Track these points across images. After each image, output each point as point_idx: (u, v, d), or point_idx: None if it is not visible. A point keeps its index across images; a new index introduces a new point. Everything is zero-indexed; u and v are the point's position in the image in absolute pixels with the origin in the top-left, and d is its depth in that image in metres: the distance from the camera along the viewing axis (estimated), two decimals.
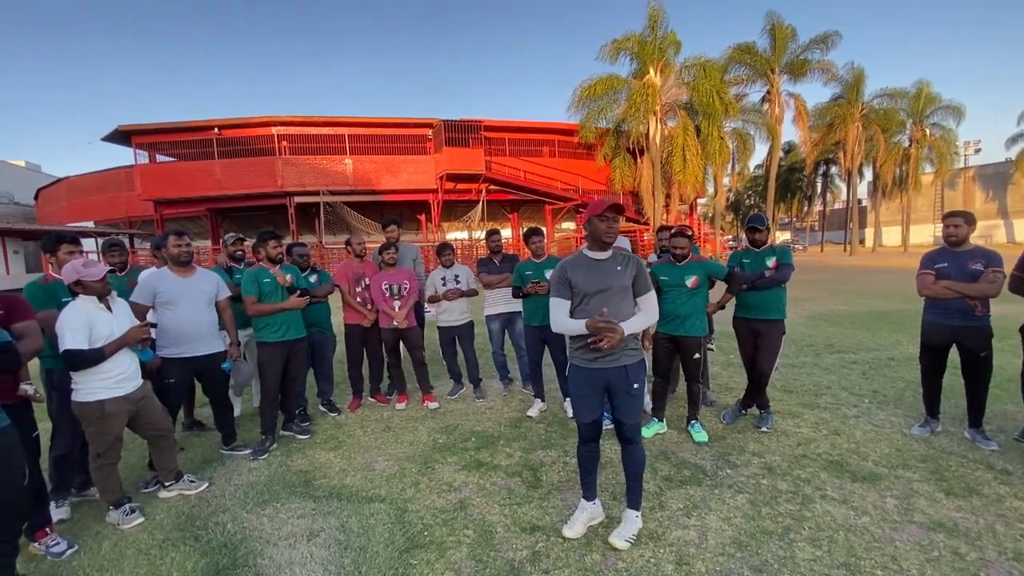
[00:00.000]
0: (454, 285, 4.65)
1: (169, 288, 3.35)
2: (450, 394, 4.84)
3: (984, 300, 3.16)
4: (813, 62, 26.00)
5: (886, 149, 31.64)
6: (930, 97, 31.49)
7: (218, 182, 20.73)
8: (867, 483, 2.86)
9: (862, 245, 37.74)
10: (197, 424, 4.21)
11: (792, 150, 41.94)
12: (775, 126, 26.50)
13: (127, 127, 20.60)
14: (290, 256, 4.40)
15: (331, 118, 21.69)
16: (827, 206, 47.34)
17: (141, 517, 2.77)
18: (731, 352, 5.98)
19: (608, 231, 2.33)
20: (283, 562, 2.35)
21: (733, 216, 56.94)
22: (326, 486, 3.12)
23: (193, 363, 3.43)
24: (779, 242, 50.46)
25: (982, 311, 3.18)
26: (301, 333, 3.91)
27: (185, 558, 2.42)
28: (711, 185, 28.13)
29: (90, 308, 2.61)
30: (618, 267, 2.38)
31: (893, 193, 35.26)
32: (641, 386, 2.41)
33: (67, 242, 2.92)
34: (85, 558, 2.46)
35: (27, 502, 2.21)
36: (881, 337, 6.79)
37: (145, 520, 2.78)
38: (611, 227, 2.33)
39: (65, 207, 25.68)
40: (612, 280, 2.35)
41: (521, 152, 23.69)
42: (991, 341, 3.25)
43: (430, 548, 2.42)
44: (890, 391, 4.49)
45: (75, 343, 2.50)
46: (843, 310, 9.31)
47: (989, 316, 3.22)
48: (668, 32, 21.16)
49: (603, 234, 2.34)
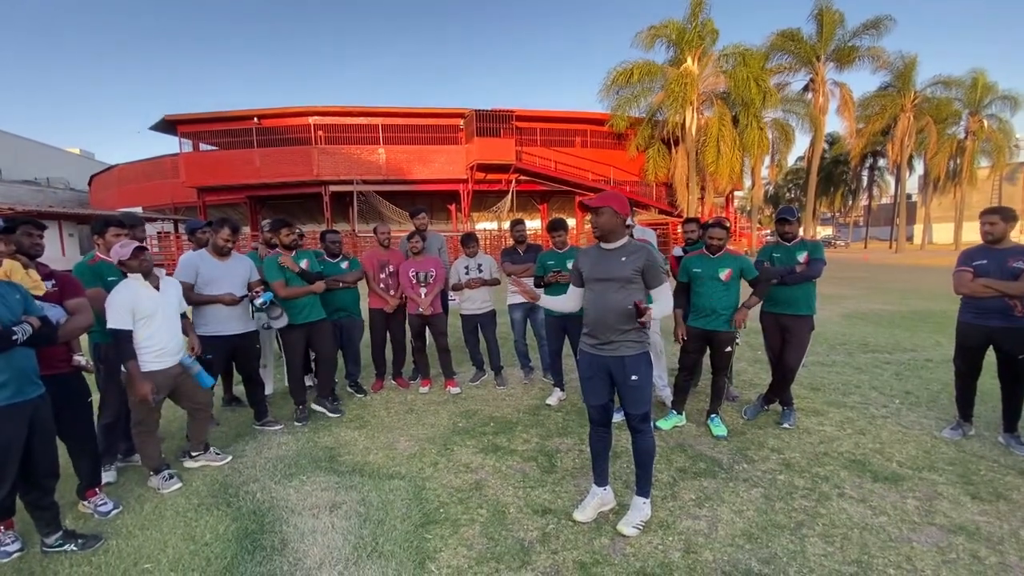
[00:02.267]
0: (477, 274, 4.73)
1: (210, 270, 3.57)
2: (472, 380, 4.94)
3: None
4: (862, 49, 24.82)
5: (938, 141, 29.93)
6: (987, 86, 29.57)
7: (257, 170, 21.45)
8: (889, 483, 2.80)
9: (910, 242, 36.05)
10: (235, 400, 4.44)
11: (836, 142, 40.15)
12: (818, 116, 25.49)
13: (173, 117, 21.53)
14: (323, 243, 4.57)
15: (365, 108, 22.09)
16: (873, 200, 45.23)
17: (179, 483, 2.98)
18: (757, 348, 5.87)
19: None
20: (306, 530, 2.49)
21: (772, 210, 55.17)
22: (350, 462, 3.27)
23: (230, 341, 3.64)
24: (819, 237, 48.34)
25: (1022, 311, 3.03)
26: (321, 315, 4.08)
27: (218, 522, 2.59)
28: (748, 178, 27.28)
29: (135, 287, 2.81)
30: (623, 258, 2.41)
31: (946, 187, 33.40)
32: (642, 378, 2.41)
33: (114, 225, 3.11)
34: (128, 518, 2.67)
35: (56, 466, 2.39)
36: (920, 338, 6.52)
37: (183, 486, 2.98)
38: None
39: (116, 193, 27.05)
40: (614, 271, 2.40)
41: (552, 142, 23.58)
42: None
43: (445, 524, 2.52)
44: (923, 393, 4.34)
45: (116, 323, 2.72)
46: (882, 309, 8.97)
47: None
48: (707, 19, 20.56)
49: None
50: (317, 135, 21.96)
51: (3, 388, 2.07)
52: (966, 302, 3.31)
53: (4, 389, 2.08)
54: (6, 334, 2.03)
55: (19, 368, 2.14)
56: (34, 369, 2.24)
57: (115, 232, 3.08)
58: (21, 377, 2.15)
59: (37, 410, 2.23)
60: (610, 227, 2.42)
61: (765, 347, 3.90)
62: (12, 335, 2.04)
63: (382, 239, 4.71)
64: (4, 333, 2.02)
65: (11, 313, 2.12)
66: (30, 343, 2.14)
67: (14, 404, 2.11)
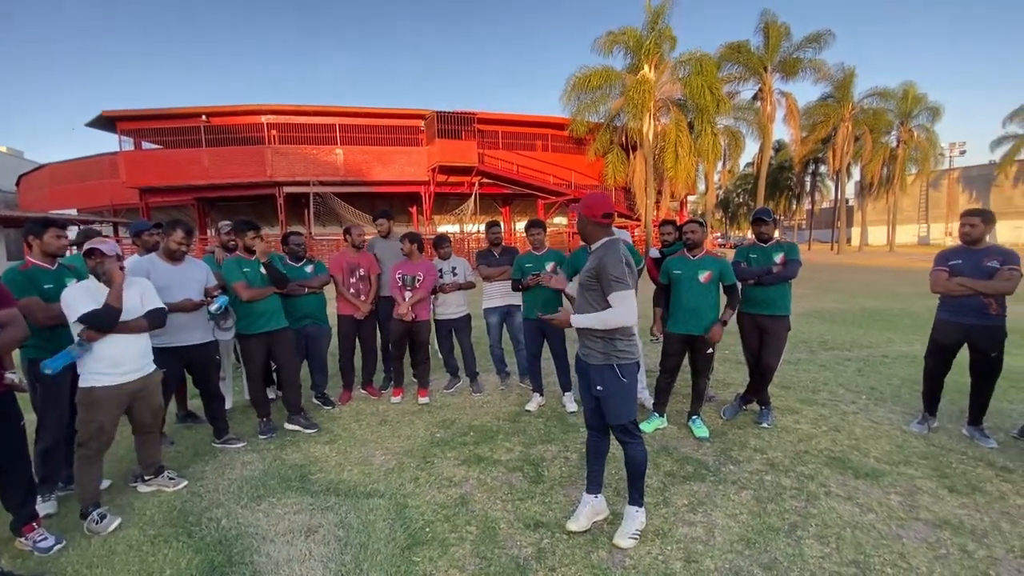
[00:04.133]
0: (451, 278, 4.58)
1: (161, 276, 3.23)
2: (446, 388, 4.77)
3: (999, 298, 3.13)
4: (805, 61, 26.12)
5: (873, 149, 31.98)
6: (916, 98, 31.89)
7: (206, 171, 20.34)
8: (870, 480, 2.86)
9: (849, 244, 38.19)
10: (191, 416, 4.09)
11: (782, 148, 42.27)
12: (767, 124, 26.64)
13: (112, 112, 20.11)
14: (286, 245, 4.30)
15: (322, 107, 21.38)
16: (815, 205, 47.82)
17: (117, 519, 2.62)
18: (726, 348, 5.99)
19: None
20: (281, 559, 2.28)
21: (722, 213, 57.36)
22: (323, 480, 3.05)
23: (184, 353, 3.34)
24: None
25: (997, 309, 3.14)
26: (283, 323, 3.81)
27: (178, 555, 2.33)
28: (702, 182, 28.22)
29: (92, 287, 2.56)
30: (592, 258, 2.36)
31: (879, 193, 35.70)
32: (607, 390, 2.32)
33: (56, 227, 2.82)
34: (74, 554, 2.36)
35: None
36: (873, 335, 6.85)
37: (133, 515, 2.68)
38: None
39: (47, 194, 25.05)
40: (583, 269, 2.40)
41: (514, 145, 23.58)
42: (1004, 341, 3.21)
43: (433, 545, 2.36)
44: (887, 388, 4.51)
45: (85, 308, 2.47)
46: (834, 307, 9.39)
47: (1005, 316, 3.19)
48: (665, 27, 21.09)
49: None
50: (271, 134, 21.06)
51: None
52: (944, 301, 3.42)
53: None
54: None
55: None
56: None
57: (56, 234, 2.78)
58: None
59: None
60: (583, 231, 2.43)
61: (743, 348, 3.93)
62: None
63: (356, 240, 4.47)
64: None
65: None
66: None
67: None
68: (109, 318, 2.52)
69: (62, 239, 2.82)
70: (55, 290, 2.72)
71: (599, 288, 2.27)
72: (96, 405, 2.57)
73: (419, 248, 4.45)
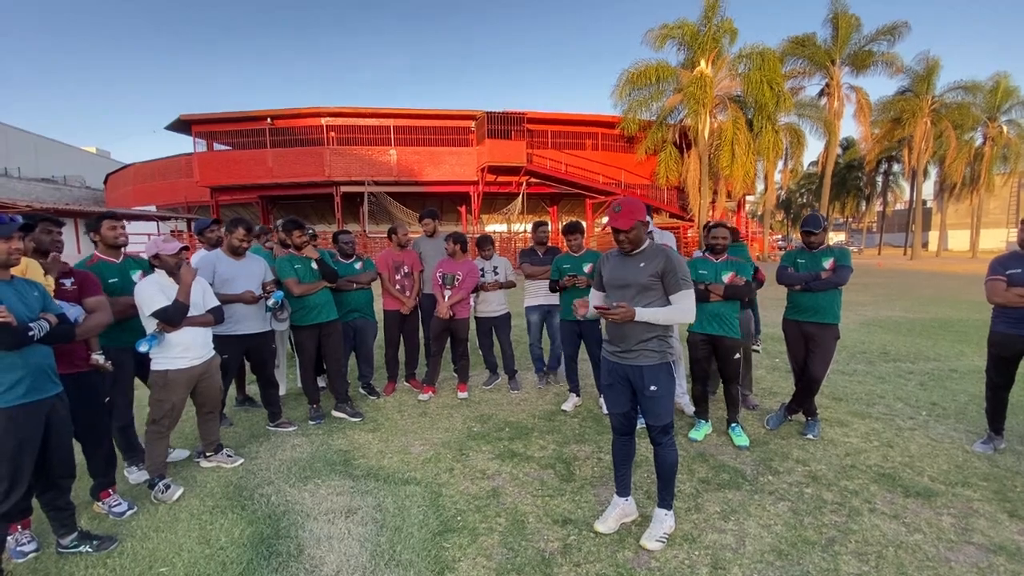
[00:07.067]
0: (492, 277, 4.68)
1: (226, 269, 3.55)
2: (485, 384, 4.88)
3: None
4: (878, 54, 24.50)
5: (956, 147, 29.45)
6: (1008, 91, 29.05)
7: (269, 170, 21.58)
8: (922, 499, 2.70)
9: (925, 249, 35.48)
10: (248, 400, 4.42)
11: (850, 147, 39.71)
12: (833, 121, 25.20)
13: (188, 116, 21.73)
14: (336, 243, 4.54)
15: (377, 109, 22.16)
16: (887, 206, 44.64)
17: (180, 489, 2.87)
18: (775, 355, 5.78)
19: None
20: (322, 536, 2.44)
21: (783, 215, 54.65)
22: (364, 466, 3.22)
23: (245, 340, 3.62)
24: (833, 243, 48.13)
25: None
26: (333, 315, 4.04)
27: (233, 525, 2.55)
28: (761, 182, 27.01)
29: (161, 280, 2.82)
30: (641, 264, 2.35)
31: (963, 194, 32.87)
32: (661, 389, 2.33)
33: (108, 218, 3.05)
34: (143, 519, 2.64)
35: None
36: (942, 347, 6.37)
37: (195, 487, 2.95)
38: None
39: (131, 191, 27.32)
40: (630, 276, 2.35)
41: (563, 145, 23.49)
42: None
43: (463, 533, 2.46)
44: (951, 404, 4.21)
45: (158, 304, 2.73)
46: (901, 317, 8.80)
47: None
48: (724, 20, 20.33)
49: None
50: (329, 136, 22.06)
51: (19, 385, 2.04)
52: (1000, 311, 3.19)
53: (20, 386, 2.04)
54: (22, 330, 2.00)
55: (36, 366, 2.11)
56: (52, 367, 2.21)
57: (110, 225, 3.02)
58: (38, 375, 2.12)
59: (54, 409, 2.20)
60: (640, 240, 2.37)
61: (788, 356, 3.80)
62: (29, 331, 2.01)
63: (401, 239, 4.66)
64: (21, 329, 1.99)
65: (28, 310, 2.09)
66: (47, 340, 2.11)
67: (31, 402, 2.08)
68: (178, 314, 2.78)
69: (116, 229, 3.03)
70: (120, 284, 2.96)
71: (659, 288, 2.32)
72: (169, 386, 2.85)
73: (463, 248, 4.58)
